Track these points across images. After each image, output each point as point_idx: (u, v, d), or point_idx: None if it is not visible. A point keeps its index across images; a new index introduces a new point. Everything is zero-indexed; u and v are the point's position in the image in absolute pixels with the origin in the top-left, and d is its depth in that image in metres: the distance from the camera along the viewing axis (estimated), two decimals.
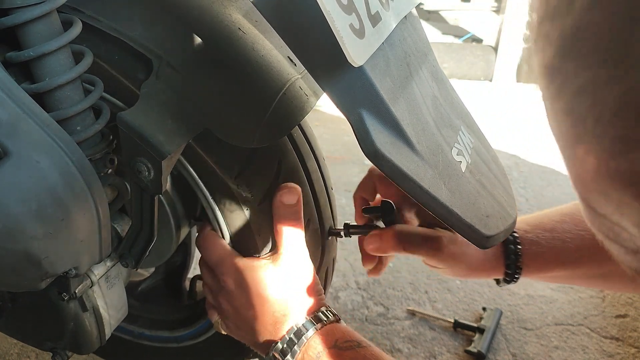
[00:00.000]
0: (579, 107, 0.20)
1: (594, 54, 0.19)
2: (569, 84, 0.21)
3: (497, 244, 0.67)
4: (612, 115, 0.19)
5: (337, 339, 0.59)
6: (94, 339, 0.66)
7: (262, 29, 0.56)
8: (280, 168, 0.63)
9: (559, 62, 0.21)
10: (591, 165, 0.21)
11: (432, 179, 0.47)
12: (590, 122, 0.20)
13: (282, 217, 0.63)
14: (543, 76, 0.22)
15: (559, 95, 0.21)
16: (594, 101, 0.19)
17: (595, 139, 0.20)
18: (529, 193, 1.65)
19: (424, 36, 0.59)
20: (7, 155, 0.45)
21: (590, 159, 0.21)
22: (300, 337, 0.59)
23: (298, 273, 0.63)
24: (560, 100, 0.21)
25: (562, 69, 0.21)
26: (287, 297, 0.62)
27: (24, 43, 0.49)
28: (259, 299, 0.62)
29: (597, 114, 0.19)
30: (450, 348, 1.10)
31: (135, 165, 0.53)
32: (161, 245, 0.72)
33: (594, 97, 0.19)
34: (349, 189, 1.64)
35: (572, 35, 0.20)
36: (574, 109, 0.21)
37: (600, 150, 0.20)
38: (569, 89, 0.21)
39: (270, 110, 0.53)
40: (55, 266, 0.50)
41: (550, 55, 0.21)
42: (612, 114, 0.19)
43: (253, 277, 0.62)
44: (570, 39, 0.20)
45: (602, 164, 0.20)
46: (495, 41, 2.58)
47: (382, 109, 0.45)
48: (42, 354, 1.06)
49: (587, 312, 1.19)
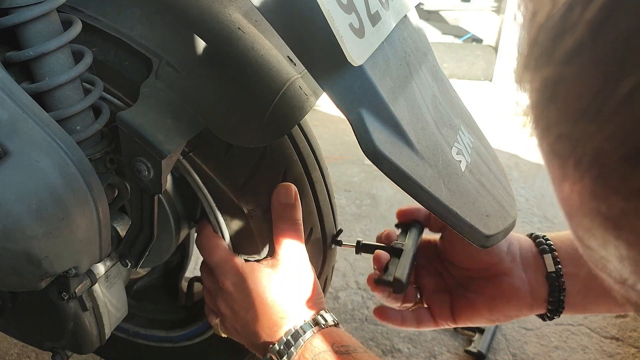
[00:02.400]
0: (561, 150, 0.21)
1: (572, 105, 0.20)
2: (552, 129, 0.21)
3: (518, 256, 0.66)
4: (590, 162, 0.20)
5: (334, 343, 0.59)
6: (94, 339, 0.66)
7: (262, 29, 0.56)
8: (286, 178, 0.64)
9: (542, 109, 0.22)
10: (576, 203, 0.22)
11: (431, 179, 0.47)
12: (572, 165, 0.21)
13: (280, 217, 0.63)
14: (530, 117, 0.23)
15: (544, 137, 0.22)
16: (573, 147, 0.20)
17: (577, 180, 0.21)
18: (529, 193, 1.65)
19: (423, 36, 0.59)
20: (7, 155, 0.45)
21: (575, 197, 0.21)
22: (297, 339, 0.59)
23: (297, 275, 0.63)
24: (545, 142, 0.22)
25: (545, 115, 0.22)
26: (286, 299, 0.62)
27: (23, 43, 0.49)
28: (258, 301, 0.62)
29: (577, 158, 0.20)
30: (450, 348, 1.10)
31: (135, 164, 0.53)
32: (161, 245, 0.72)
33: (573, 143, 0.20)
34: (349, 189, 1.64)
35: (552, 84, 0.21)
36: (557, 151, 0.21)
37: (583, 191, 0.21)
38: (552, 134, 0.21)
39: (269, 110, 0.53)
40: (55, 266, 0.50)
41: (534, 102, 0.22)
42: (590, 160, 0.20)
43: (252, 280, 0.62)
44: (551, 88, 0.21)
45: (585, 204, 0.21)
46: (495, 41, 2.58)
47: (382, 109, 0.45)
48: (42, 353, 1.06)
49: None
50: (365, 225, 1.44)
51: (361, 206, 1.54)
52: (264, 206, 0.63)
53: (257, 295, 0.62)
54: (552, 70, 0.21)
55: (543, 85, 0.21)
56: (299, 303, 0.62)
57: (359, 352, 0.58)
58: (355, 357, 0.57)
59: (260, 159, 0.61)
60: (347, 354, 0.58)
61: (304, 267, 0.64)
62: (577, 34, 0.19)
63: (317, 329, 0.60)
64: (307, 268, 0.64)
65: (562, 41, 0.20)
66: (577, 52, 0.19)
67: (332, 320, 0.62)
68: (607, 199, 0.20)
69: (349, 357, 0.57)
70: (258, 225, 0.64)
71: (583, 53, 0.19)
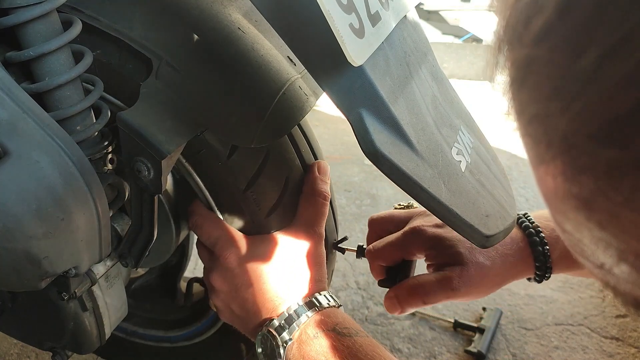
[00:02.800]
0: (534, 132, 0.21)
1: (542, 87, 0.20)
2: (524, 111, 0.22)
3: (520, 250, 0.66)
4: (560, 142, 0.20)
5: (337, 324, 0.58)
6: (94, 339, 0.66)
7: (261, 29, 0.56)
8: (288, 183, 0.64)
9: (515, 91, 0.22)
10: (551, 186, 0.22)
11: (431, 179, 0.47)
12: (544, 146, 0.21)
13: (312, 190, 0.64)
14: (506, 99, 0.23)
15: (518, 120, 0.23)
16: (545, 129, 0.20)
17: (550, 162, 0.21)
18: (529, 193, 1.65)
19: (423, 36, 0.59)
20: (6, 155, 0.45)
21: (549, 180, 0.22)
22: (300, 315, 0.59)
23: (306, 254, 0.62)
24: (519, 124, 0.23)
25: (518, 97, 0.22)
26: (291, 272, 0.61)
27: (23, 43, 0.49)
28: (261, 275, 0.60)
29: (548, 140, 0.20)
30: (450, 348, 1.10)
31: (135, 165, 0.53)
32: (161, 245, 0.72)
33: (545, 125, 0.20)
34: (349, 189, 1.64)
35: (524, 66, 0.21)
36: (530, 133, 0.22)
37: (555, 173, 0.21)
38: (525, 116, 0.22)
39: (269, 110, 0.53)
40: (55, 266, 0.50)
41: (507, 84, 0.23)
42: (560, 140, 0.20)
43: (258, 251, 0.61)
44: (523, 70, 0.21)
45: (558, 186, 0.21)
46: None
47: (381, 109, 0.45)
48: (42, 353, 1.06)
49: (587, 312, 1.19)
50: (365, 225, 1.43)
51: (361, 206, 1.54)
52: (265, 210, 0.63)
53: (261, 267, 0.60)
54: (522, 52, 0.21)
55: (515, 67, 0.22)
56: (304, 278, 0.62)
57: (361, 336, 0.58)
58: (357, 340, 0.57)
59: (263, 164, 0.61)
60: (349, 337, 0.57)
61: (316, 243, 0.63)
62: (546, 15, 0.19)
63: (320, 306, 0.60)
64: (321, 244, 0.64)
65: (532, 23, 0.20)
66: (546, 33, 0.20)
67: (334, 301, 0.61)
68: (578, 179, 0.20)
69: (350, 339, 0.57)
70: (259, 228, 0.64)
71: (551, 34, 0.19)
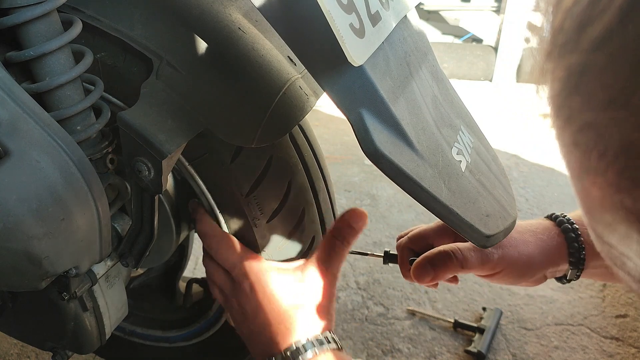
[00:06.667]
0: (584, 141, 0.20)
1: (598, 94, 0.19)
2: (575, 118, 0.21)
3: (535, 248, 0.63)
4: (616, 153, 0.19)
5: None
6: (94, 339, 0.66)
7: (262, 29, 0.56)
8: (290, 187, 0.64)
9: (565, 98, 0.21)
10: (597, 197, 0.21)
11: (432, 179, 0.47)
12: (595, 156, 0.20)
13: (338, 234, 0.63)
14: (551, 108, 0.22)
15: (566, 127, 0.21)
16: (598, 137, 0.20)
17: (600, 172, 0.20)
18: (529, 193, 1.65)
19: (423, 36, 0.59)
20: (7, 155, 0.45)
21: (596, 190, 0.21)
22: (307, 349, 0.59)
23: (319, 291, 0.63)
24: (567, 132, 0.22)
25: (568, 104, 0.21)
26: (298, 311, 0.61)
27: (24, 43, 0.49)
28: (270, 309, 0.61)
29: (602, 149, 0.20)
30: (450, 348, 1.10)
31: (136, 164, 0.53)
32: (161, 246, 0.72)
33: (598, 133, 0.20)
34: (349, 189, 1.64)
35: (578, 73, 0.20)
36: (579, 142, 0.21)
37: (605, 184, 0.20)
38: (575, 123, 0.21)
39: (270, 110, 0.53)
40: (55, 266, 0.50)
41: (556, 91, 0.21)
42: (615, 151, 0.19)
43: (272, 280, 0.61)
44: (576, 76, 0.20)
45: (607, 197, 0.20)
46: (495, 41, 2.58)
47: (382, 109, 0.45)
48: (42, 353, 1.06)
49: (587, 312, 1.19)
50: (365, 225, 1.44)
51: (361, 206, 1.54)
52: (267, 214, 0.63)
53: (271, 301, 0.61)
54: (577, 58, 0.20)
55: (567, 74, 0.21)
56: (310, 318, 0.62)
57: None
58: None
59: (266, 168, 0.61)
60: None
61: (329, 286, 0.63)
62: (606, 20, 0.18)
63: (320, 349, 0.59)
64: (331, 288, 0.64)
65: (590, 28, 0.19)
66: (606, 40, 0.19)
67: (335, 343, 0.61)
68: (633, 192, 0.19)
69: None
70: (261, 232, 0.64)
71: (612, 40, 0.18)
